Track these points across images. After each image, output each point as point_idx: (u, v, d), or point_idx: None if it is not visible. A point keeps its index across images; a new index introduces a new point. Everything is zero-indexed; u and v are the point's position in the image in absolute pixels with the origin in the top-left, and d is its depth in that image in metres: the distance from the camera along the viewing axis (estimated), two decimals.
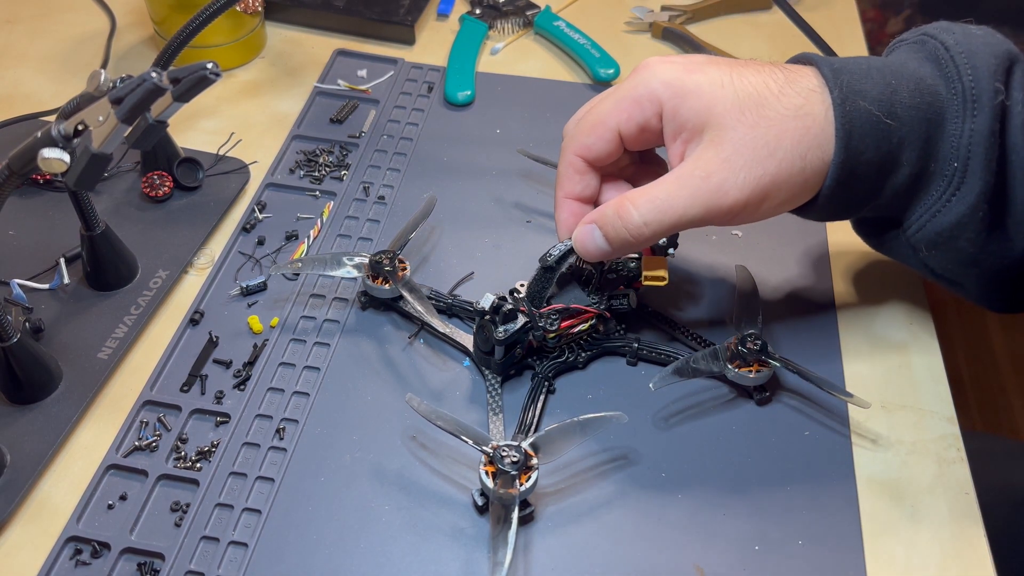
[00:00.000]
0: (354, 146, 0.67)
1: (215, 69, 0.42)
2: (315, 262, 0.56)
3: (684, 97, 0.46)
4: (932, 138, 0.46)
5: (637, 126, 0.48)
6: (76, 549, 0.45)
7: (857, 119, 0.45)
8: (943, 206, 0.47)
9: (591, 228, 0.48)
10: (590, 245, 0.48)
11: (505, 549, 0.42)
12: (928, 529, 0.47)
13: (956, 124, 0.46)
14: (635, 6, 0.81)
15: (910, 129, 0.46)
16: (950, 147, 0.46)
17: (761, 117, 0.45)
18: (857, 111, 0.45)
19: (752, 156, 0.45)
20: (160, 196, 0.62)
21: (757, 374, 0.51)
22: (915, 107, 0.46)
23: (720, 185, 0.45)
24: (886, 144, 0.46)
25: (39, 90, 0.71)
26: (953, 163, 0.46)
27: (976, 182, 0.46)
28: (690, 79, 0.46)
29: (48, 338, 0.54)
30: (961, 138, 0.46)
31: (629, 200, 0.46)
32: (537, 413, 0.51)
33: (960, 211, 0.47)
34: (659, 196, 0.46)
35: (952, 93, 0.46)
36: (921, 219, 0.48)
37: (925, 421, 0.52)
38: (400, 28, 0.77)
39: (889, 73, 0.46)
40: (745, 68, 0.47)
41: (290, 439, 0.50)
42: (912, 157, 0.46)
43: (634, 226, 0.46)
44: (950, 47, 0.46)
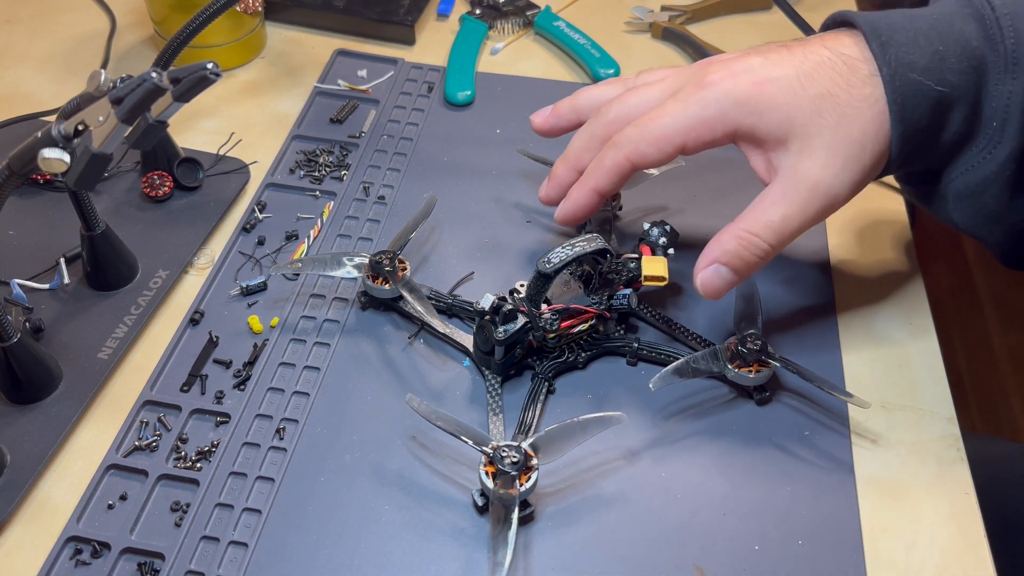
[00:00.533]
0: (354, 146, 0.67)
1: (215, 69, 0.42)
2: (315, 262, 0.56)
3: (760, 114, 0.47)
4: (977, 99, 0.47)
5: (703, 145, 0.48)
6: (76, 549, 0.45)
7: (908, 92, 0.46)
8: (977, 162, 0.48)
9: (716, 268, 0.48)
10: (718, 283, 0.48)
11: (505, 549, 0.42)
12: (928, 529, 0.47)
13: (997, 85, 0.47)
14: (635, 6, 0.81)
15: (959, 93, 0.47)
16: (990, 106, 0.47)
17: (841, 116, 0.46)
18: (907, 84, 0.46)
19: (847, 154, 0.46)
20: (160, 196, 0.62)
21: (757, 374, 0.51)
22: (963, 71, 0.46)
23: (828, 190, 0.47)
24: (938, 108, 0.47)
25: (39, 90, 0.71)
26: (993, 122, 0.47)
27: (1009, 142, 0.47)
28: (762, 93, 0.47)
29: (48, 338, 0.54)
30: (1000, 99, 0.47)
31: (747, 231, 0.47)
32: (537, 413, 0.51)
33: (991, 168, 0.48)
34: (775, 219, 0.47)
35: (995, 55, 0.46)
36: (957, 172, 0.49)
37: (925, 421, 0.52)
38: (400, 28, 0.77)
39: (936, 36, 0.47)
40: (805, 59, 0.47)
41: (290, 439, 0.50)
42: (959, 117, 0.47)
43: (764, 252, 0.47)
44: (996, 7, 0.47)
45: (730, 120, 0.47)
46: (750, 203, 0.49)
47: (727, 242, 0.48)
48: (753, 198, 0.55)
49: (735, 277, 0.49)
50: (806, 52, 0.48)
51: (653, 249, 0.54)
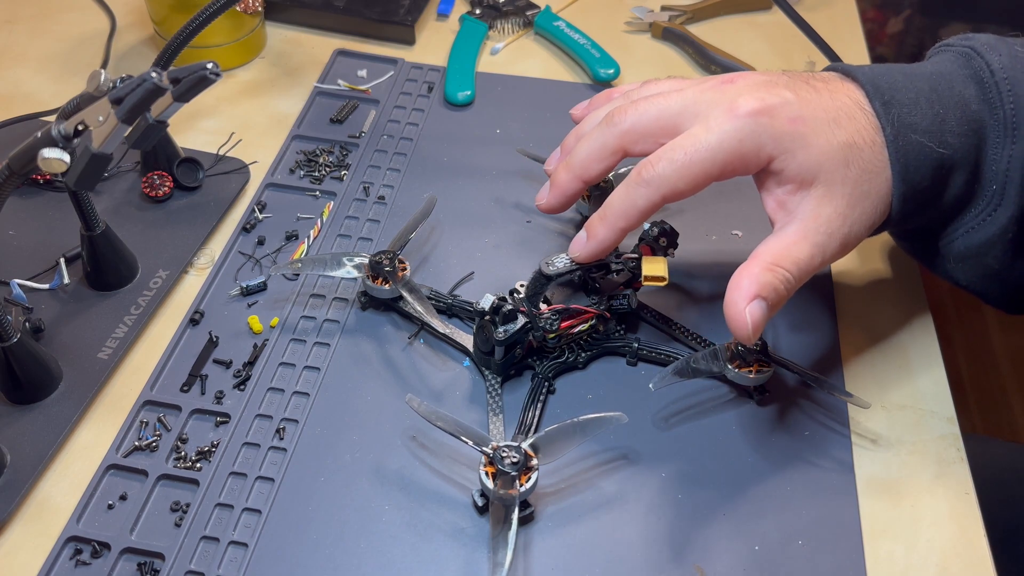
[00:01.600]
0: (354, 146, 0.67)
1: (215, 69, 0.42)
2: (315, 262, 0.56)
3: (794, 153, 0.46)
4: (977, 163, 0.48)
5: (733, 175, 0.48)
6: (76, 549, 0.45)
7: (911, 153, 0.47)
8: (977, 224, 0.49)
9: (758, 303, 0.46)
10: (760, 318, 0.46)
11: (505, 549, 0.42)
12: (928, 529, 0.47)
13: (996, 149, 0.47)
14: (635, 6, 0.81)
15: (961, 155, 0.47)
16: (990, 170, 0.48)
17: (862, 171, 0.46)
18: (910, 145, 0.47)
19: (863, 209, 0.47)
20: (160, 196, 0.62)
21: (757, 374, 0.51)
22: (963, 135, 0.47)
23: (845, 237, 0.47)
24: (939, 171, 0.47)
25: (39, 90, 0.71)
26: (992, 186, 0.48)
27: (1010, 205, 0.47)
28: (797, 132, 0.46)
29: (48, 338, 0.54)
30: (1000, 163, 0.47)
31: (778, 265, 0.46)
32: (537, 413, 0.51)
33: (991, 232, 0.48)
34: (803, 257, 0.47)
35: (994, 119, 0.47)
36: (956, 234, 0.50)
37: (925, 421, 0.52)
38: (400, 28, 0.77)
39: (936, 100, 0.47)
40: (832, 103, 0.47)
41: (290, 439, 0.50)
42: (960, 180, 0.48)
43: (790, 288, 0.47)
44: (995, 71, 0.47)
45: (765, 155, 0.46)
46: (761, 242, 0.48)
47: (761, 275, 0.46)
48: (751, 199, 0.55)
49: (770, 312, 0.46)
50: (832, 95, 0.48)
51: (653, 249, 0.54)
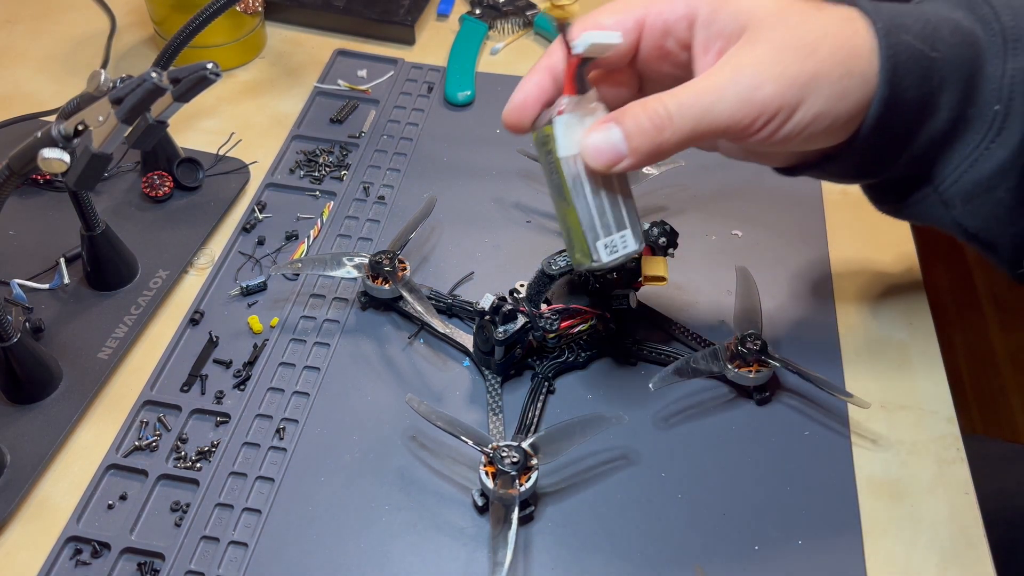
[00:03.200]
0: (354, 146, 0.67)
1: (215, 69, 0.42)
2: (315, 262, 0.56)
3: (723, 4, 0.42)
4: (972, 80, 0.44)
5: (663, 25, 0.43)
6: (76, 549, 0.45)
7: (901, 51, 0.42)
8: (983, 152, 0.44)
9: (608, 127, 0.41)
10: (604, 146, 0.41)
11: (505, 549, 0.42)
12: (928, 529, 0.47)
13: (996, 65, 0.44)
14: None
15: (953, 66, 0.43)
16: (990, 89, 0.44)
17: (805, 18, 0.42)
18: (901, 43, 0.42)
19: (791, 55, 0.41)
20: (160, 196, 0.62)
21: (757, 374, 0.51)
22: (956, 45, 0.43)
23: (752, 77, 0.41)
24: (928, 83, 0.43)
25: (39, 90, 0.71)
26: (995, 106, 0.44)
27: (1019, 125, 0.44)
28: None
29: (48, 338, 0.54)
30: (1003, 78, 0.43)
31: (654, 97, 0.41)
32: (537, 413, 0.51)
33: (1002, 157, 0.44)
34: (684, 91, 0.41)
35: (991, 34, 0.44)
36: (959, 169, 0.45)
37: (925, 421, 0.52)
38: (400, 28, 0.77)
39: (926, 14, 0.44)
40: None
41: (290, 439, 0.50)
42: (952, 99, 0.44)
43: (661, 119, 0.41)
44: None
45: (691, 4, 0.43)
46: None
47: (630, 105, 0.42)
48: (751, 199, 0.55)
49: (624, 146, 0.41)
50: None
51: (653, 249, 0.54)
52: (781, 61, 0.41)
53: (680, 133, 0.41)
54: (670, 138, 0.41)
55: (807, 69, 0.41)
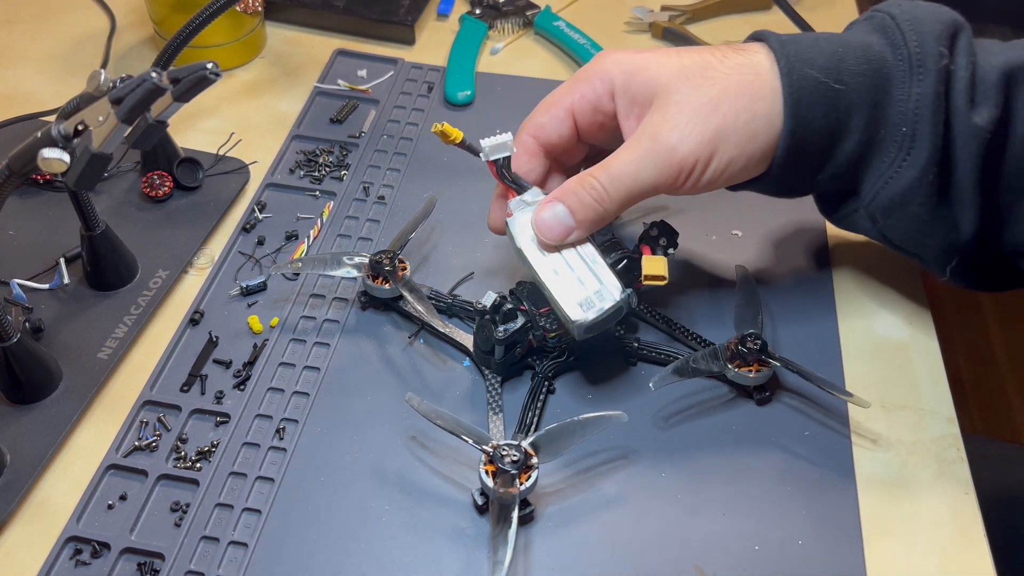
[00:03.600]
0: (354, 146, 0.67)
1: (215, 69, 0.42)
2: (315, 262, 0.56)
3: (634, 73, 0.48)
4: (880, 103, 0.47)
5: (590, 105, 0.49)
6: (76, 549, 0.45)
7: (805, 86, 0.46)
8: (895, 172, 0.48)
9: (553, 206, 0.48)
10: (554, 223, 0.48)
11: (505, 549, 0.42)
12: (928, 529, 0.47)
13: (903, 88, 0.47)
14: (635, 6, 0.81)
15: (858, 94, 0.47)
16: (898, 112, 0.47)
17: (704, 78, 0.47)
18: (804, 78, 0.46)
19: (696, 112, 0.46)
20: (160, 196, 0.62)
21: (757, 374, 0.51)
22: (862, 73, 0.47)
23: (666, 142, 0.46)
24: (834, 111, 0.47)
25: (39, 90, 0.71)
26: (902, 128, 0.47)
27: (925, 146, 0.47)
28: (638, 58, 0.48)
29: (48, 338, 0.54)
30: (908, 102, 0.46)
31: (589, 174, 0.48)
32: (537, 413, 0.51)
33: (911, 175, 0.47)
34: (616, 166, 0.47)
35: (899, 58, 0.47)
36: (875, 187, 0.49)
37: (925, 421, 0.52)
38: (400, 28, 0.77)
39: (836, 43, 0.48)
40: (692, 49, 0.49)
41: (290, 439, 0.50)
42: (861, 123, 0.47)
43: (599, 195, 0.47)
44: (896, 16, 0.48)
45: (608, 77, 0.49)
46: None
47: (570, 182, 0.48)
48: (751, 199, 0.55)
49: (571, 219, 0.48)
50: (705, 46, 0.50)
51: (653, 249, 0.54)
52: (689, 122, 0.46)
53: (617, 202, 0.48)
54: (609, 207, 0.48)
55: (713, 124, 0.46)
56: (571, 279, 0.48)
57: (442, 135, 0.50)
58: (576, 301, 0.47)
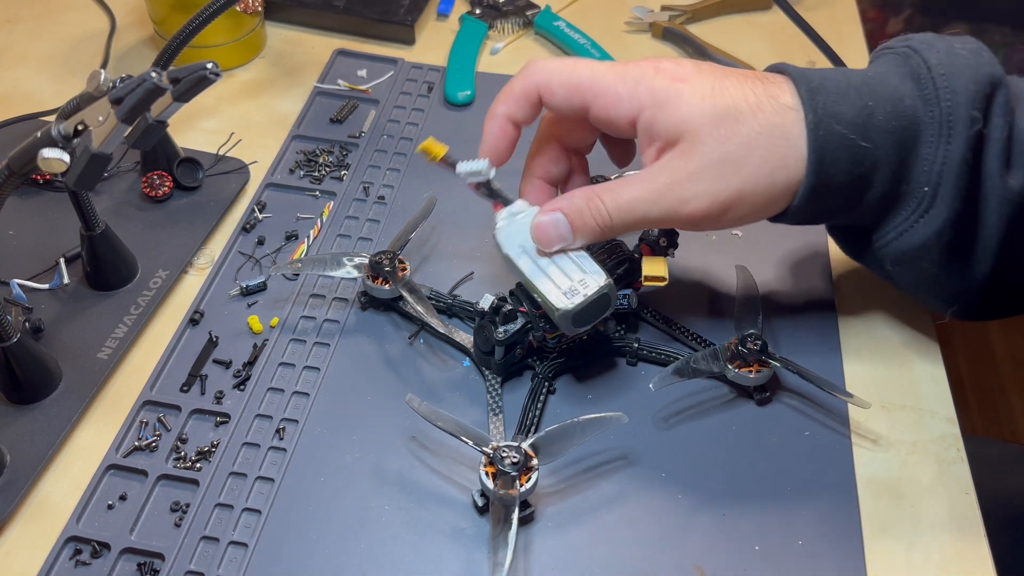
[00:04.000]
0: (354, 146, 0.67)
1: (215, 69, 0.42)
2: (315, 262, 0.56)
3: (664, 107, 0.46)
4: (906, 161, 0.46)
5: (606, 117, 0.48)
6: (76, 549, 0.45)
7: (830, 144, 0.45)
8: (910, 227, 0.47)
9: (555, 216, 0.48)
10: (552, 232, 0.48)
11: (505, 550, 0.42)
12: (928, 529, 0.47)
13: (930, 148, 0.46)
14: (635, 6, 0.81)
15: (884, 152, 0.46)
16: (922, 171, 0.46)
17: (733, 132, 0.45)
18: (831, 134, 0.45)
19: (717, 171, 0.46)
20: (160, 196, 0.62)
21: (757, 374, 0.51)
22: (890, 131, 0.46)
23: (681, 194, 0.46)
24: (858, 167, 0.46)
25: (39, 90, 0.71)
26: (924, 187, 0.46)
27: (944, 208, 0.46)
28: (673, 89, 0.46)
29: (48, 338, 0.54)
30: (934, 163, 0.46)
31: (598, 195, 0.47)
32: (537, 413, 0.51)
33: (925, 234, 0.47)
34: (625, 197, 0.47)
35: (929, 116, 0.46)
36: (888, 236, 0.49)
37: (925, 421, 0.52)
38: (400, 28, 0.77)
39: (867, 92, 0.46)
40: (728, 79, 0.47)
41: (290, 439, 0.50)
42: (884, 178, 0.47)
43: (603, 221, 0.47)
44: (932, 67, 0.46)
45: (636, 103, 0.47)
46: None
47: (577, 197, 0.48)
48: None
49: (570, 232, 0.48)
50: (736, 73, 0.47)
51: (653, 249, 0.54)
52: (709, 178, 0.46)
53: (617, 230, 0.48)
54: (608, 233, 0.48)
55: (732, 185, 0.46)
56: (556, 273, 0.49)
57: (424, 153, 0.51)
58: (560, 292, 0.48)
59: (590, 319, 0.48)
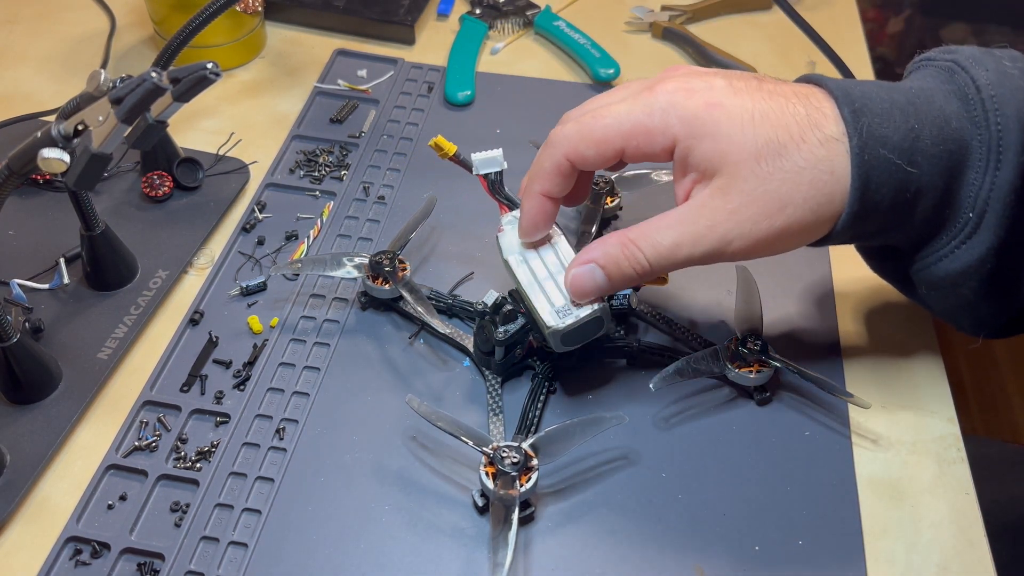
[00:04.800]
0: (354, 146, 0.67)
1: (215, 69, 0.42)
2: (315, 262, 0.56)
3: (700, 139, 0.44)
4: (950, 188, 0.44)
5: (642, 155, 0.46)
6: (76, 549, 0.45)
7: (875, 169, 0.43)
8: (951, 252, 0.45)
9: (591, 268, 0.46)
10: (588, 284, 0.47)
11: (505, 550, 0.42)
12: (928, 529, 0.47)
13: (978, 174, 0.43)
14: (635, 6, 0.81)
15: (930, 178, 0.43)
16: (968, 196, 0.44)
17: (777, 168, 0.43)
18: (876, 160, 0.43)
19: (761, 210, 0.43)
20: (160, 196, 0.62)
21: (757, 374, 0.51)
22: (937, 156, 0.43)
23: (724, 235, 0.44)
24: (903, 194, 0.44)
25: (39, 90, 0.71)
26: (968, 212, 0.44)
27: (989, 235, 0.44)
28: (710, 117, 0.43)
29: (48, 338, 0.54)
30: (980, 189, 0.43)
31: (633, 242, 0.45)
32: (537, 413, 0.51)
33: (967, 261, 0.45)
34: (664, 242, 0.45)
35: (978, 140, 0.43)
36: (926, 260, 0.46)
37: (925, 421, 0.52)
38: (400, 28, 0.77)
39: (912, 112, 0.43)
40: (767, 101, 0.44)
41: (290, 439, 0.50)
42: (929, 204, 0.44)
43: (641, 269, 0.45)
44: (981, 87, 0.43)
45: (670, 135, 0.44)
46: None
47: (612, 245, 0.46)
48: None
49: (607, 283, 0.46)
50: (774, 91, 0.44)
51: None
52: (752, 218, 0.44)
53: (654, 275, 0.46)
54: (645, 278, 0.46)
55: (776, 227, 0.44)
56: (552, 289, 0.48)
57: (436, 148, 0.51)
58: (553, 309, 0.47)
59: (580, 339, 0.48)
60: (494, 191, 0.51)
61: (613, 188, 0.60)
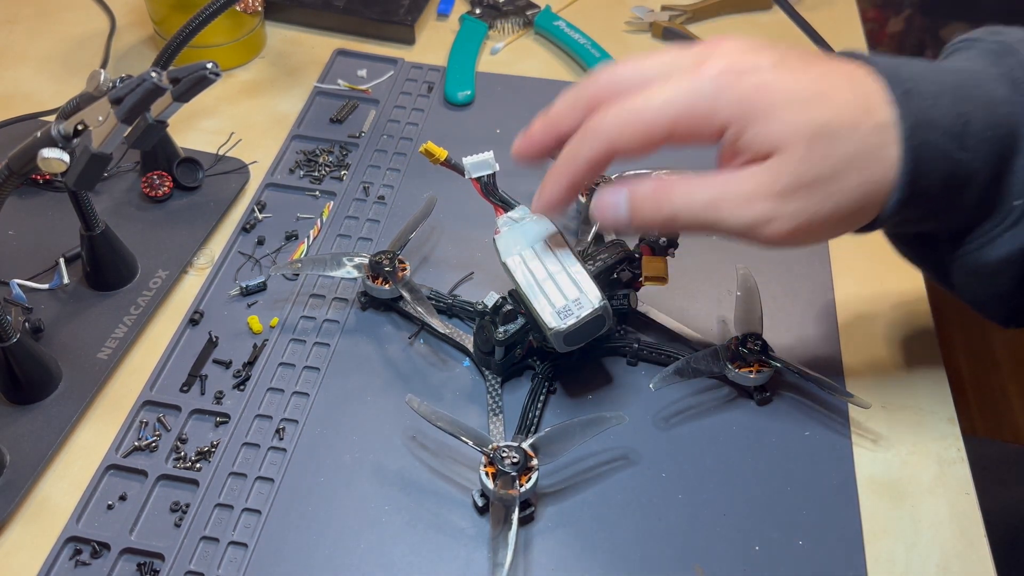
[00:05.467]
0: (354, 146, 0.67)
1: (215, 69, 0.42)
2: (315, 262, 0.56)
3: (752, 123, 0.41)
4: (999, 175, 0.42)
5: (690, 139, 0.42)
6: (76, 549, 0.45)
7: (925, 154, 0.41)
8: (992, 239, 0.44)
9: (620, 193, 0.43)
10: (609, 212, 0.43)
11: (505, 550, 0.42)
12: (928, 529, 0.47)
13: None
14: (635, 6, 0.81)
15: (981, 163, 0.42)
16: (1016, 182, 0.42)
17: (829, 152, 0.41)
18: (926, 145, 0.41)
19: (809, 192, 0.41)
20: (160, 196, 0.62)
21: (758, 374, 0.51)
22: (987, 141, 0.41)
23: (764, 213, 0.41)
24: (952, 181, 0.42)
25: (39, 90, 0.71)
26: (1015, 200, 0.42)
27: None
28: (762, 101, 0.41)
29: (48, 338, 0.54)
30: None
31: (670, 187, 0.42)
32: (537, 413, 0.51)
33: (1010, 249, 0.43)
34: (697, 199, 0.42)
35: None
36: (967, 247, 0.45)
37: (925, 421, 0.52)
38: (400, 28, 0.77)
39: (962, 95, 0.42)
40: (820, 79, 0.42)
41: (290, 439, 0.50)
42: (975, 192, 0.43)
43: (665, 217, 0.43)
44: None
45: (719, 120, 0.41)
46: None
47: (645, 184, 0.43)
48: None
49: (626, 218, 0.43)
50: (824, 71, 0.42)
51: (653, 249, 0.54)
52: (800, 199, 0.41)
53: (677, 228, 0.44)
54: (667, 231, 0.44)
55: (825, 208, 0.41)
56: (552, 290, 0.48)
57: (427, 154, 0.51)
58: (554, 310, 0.47)
59: (583, 339, 0.48)
60: (488, 193, 0.51)
61: None
